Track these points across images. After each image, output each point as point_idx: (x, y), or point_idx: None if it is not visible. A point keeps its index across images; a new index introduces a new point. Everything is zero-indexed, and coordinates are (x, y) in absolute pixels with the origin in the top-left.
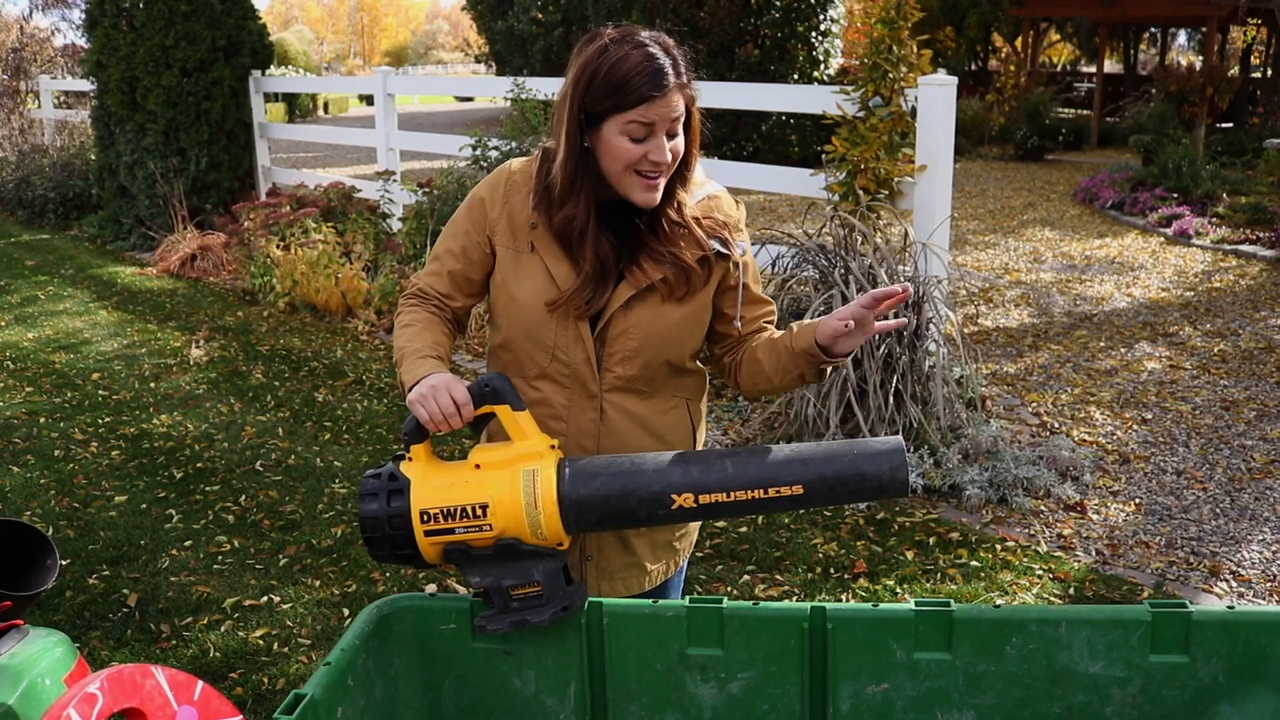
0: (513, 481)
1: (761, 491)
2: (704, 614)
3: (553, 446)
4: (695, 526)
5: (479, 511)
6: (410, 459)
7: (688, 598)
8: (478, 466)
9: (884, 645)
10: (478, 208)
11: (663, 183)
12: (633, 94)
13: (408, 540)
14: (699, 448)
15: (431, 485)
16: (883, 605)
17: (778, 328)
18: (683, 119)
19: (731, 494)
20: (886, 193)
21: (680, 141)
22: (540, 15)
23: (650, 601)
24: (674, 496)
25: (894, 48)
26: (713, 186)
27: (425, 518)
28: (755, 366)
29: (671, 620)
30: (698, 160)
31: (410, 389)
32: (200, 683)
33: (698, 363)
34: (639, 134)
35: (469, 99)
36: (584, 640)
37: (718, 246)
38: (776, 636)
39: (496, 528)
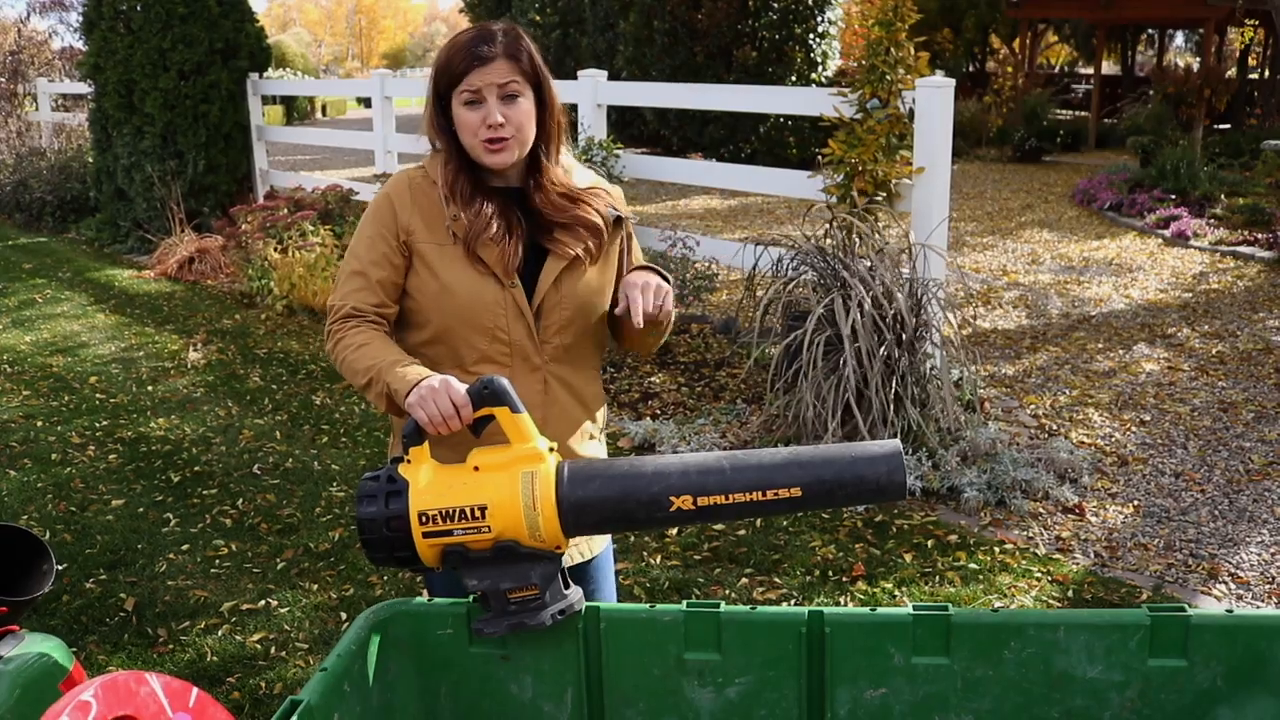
0: (511, 483)
1: (759, 494)
2: (701, 618)
3: (551, 449)
4: None
5: (477, 513)
6: (409, 461)
7: (685, 602)
8: (476, 469)
9: (882, 650)
10: (386, 212)
11: (511, 146)
12: (457, 67)
13: (405, 542)
14: (602, 417)
15: (430, 487)
16: (880, 610)
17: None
18: (522, 88)
19: (729, 496)
20: (884, 195)
21: (523, 109)
22: (538, 18)
23: (647, 606)
24: (672, 498)
25: (891, 49)
26: (590, 173)
27: (423, 519)
28: (619, 327)
29: (669, 625)
30: (563, 142)
31: (407, 394)
32: (195, 689)
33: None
34: (471, 100)
35: None
36: (581, 645)
37: (616, 212)
38: (774, 641)
39: (495, 529)
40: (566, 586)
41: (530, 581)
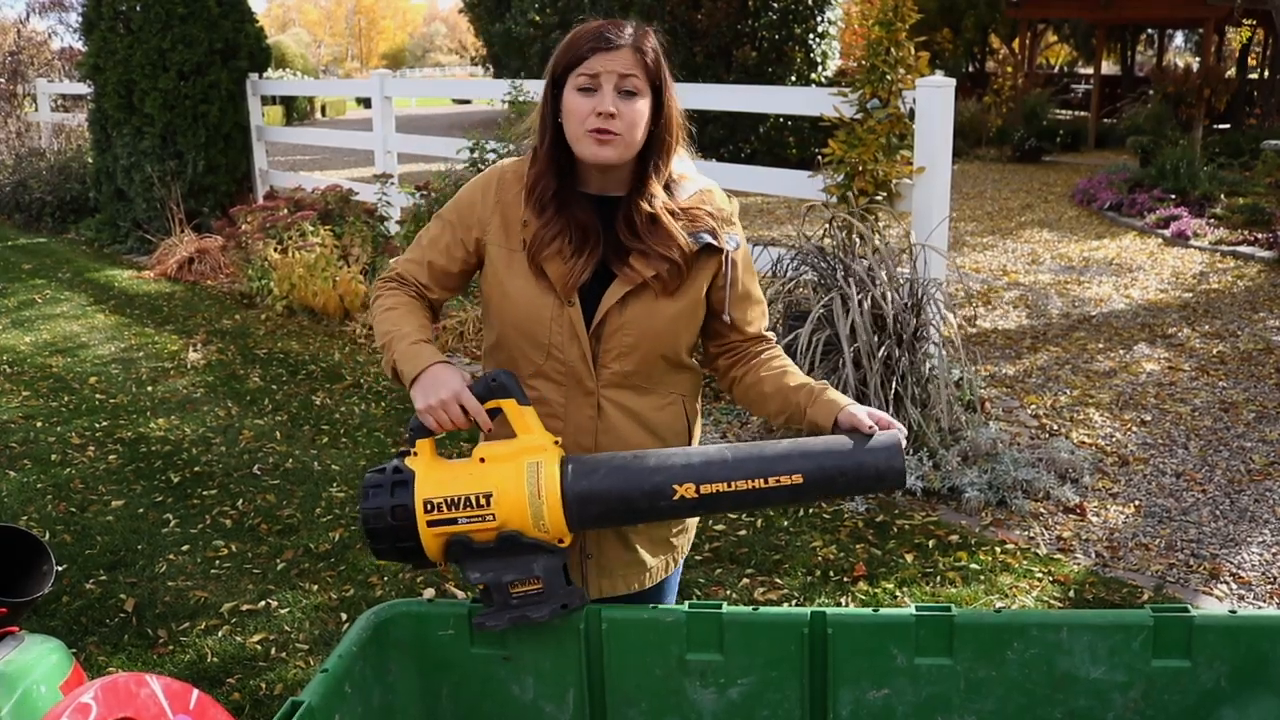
0: (517, 473)
1: (761, 481)
2: (703, 619)
3: (555, 442)
4: (693, 526)
5: (483, 501)
6: (415, 454)
7: (687, 602)
8: (482, 460)
9: (884, 650)
10: (467, 207)
11: (617, 144)
12: (581, 48)
13: (410, 532)
14: (695, 445)
15: (436, 477)
16: (883, 610)
17: (777, 331)
18: (642, 86)
19: (732, 484)
20: (884, 194)
21: (639, 109)
22: (538, 18)
23: (649, 606)
24: (675, 487)
25: (892, 49)
26: (705, 181)
27: (429, 507)
28: (758, 398)
29: (671, 625)
30: (675, 156)
31: (412, 382)
32: (195, 691)
33: (693, 360)
34: (586, 85)
35: (466, 101)
36: (583, 646)
37: (707, 239)
38: (776, 642)
39: (499, 518)
40: (568, 582)
41: (533, 574)
